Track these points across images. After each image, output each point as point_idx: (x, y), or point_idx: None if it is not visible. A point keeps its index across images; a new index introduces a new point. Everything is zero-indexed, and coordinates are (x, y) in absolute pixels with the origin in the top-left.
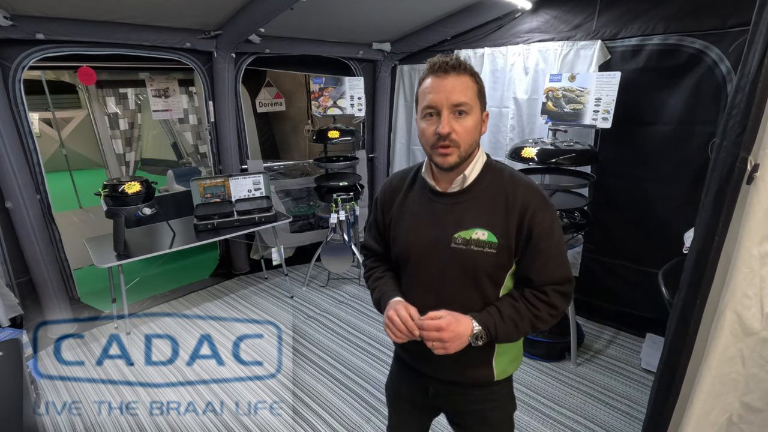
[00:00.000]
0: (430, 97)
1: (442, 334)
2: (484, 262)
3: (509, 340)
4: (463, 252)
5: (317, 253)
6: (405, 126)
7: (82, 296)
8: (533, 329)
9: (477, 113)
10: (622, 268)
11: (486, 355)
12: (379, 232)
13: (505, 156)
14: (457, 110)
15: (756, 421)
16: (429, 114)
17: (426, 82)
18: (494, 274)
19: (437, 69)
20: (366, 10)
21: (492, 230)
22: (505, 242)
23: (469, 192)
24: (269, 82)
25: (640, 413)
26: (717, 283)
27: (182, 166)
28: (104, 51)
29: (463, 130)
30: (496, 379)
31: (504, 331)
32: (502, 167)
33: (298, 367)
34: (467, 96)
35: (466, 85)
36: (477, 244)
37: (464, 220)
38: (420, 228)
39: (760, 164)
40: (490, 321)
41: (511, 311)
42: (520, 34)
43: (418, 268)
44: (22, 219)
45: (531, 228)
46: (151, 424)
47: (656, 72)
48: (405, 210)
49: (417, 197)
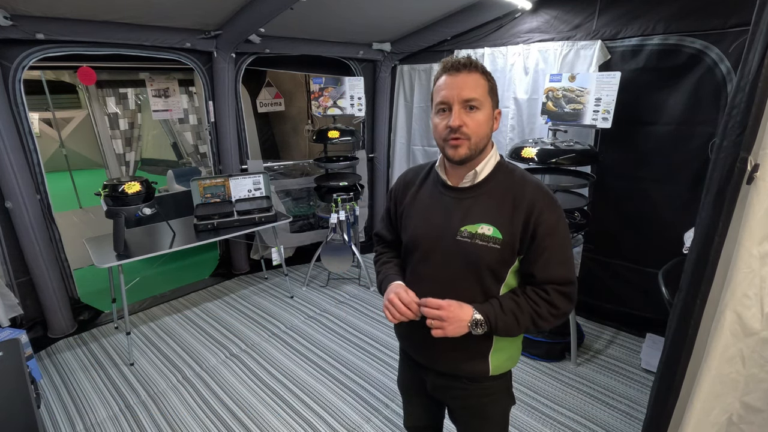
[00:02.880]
0: (443, 93)
1: (441, 313)
2: (487, 257)
3: (509, 333)
4: (468, 245)
5: (317, 253)
6: (405, 126)
7: (82, 296)
8: (534, 326)
9: (488, 109)
10: (622, 268)
11: (482, 350)
12: (390, 222)
13: (505, 156)
14: (467, 105)
15: (756, 421)
16: (442, 109)
17: (440, 80)
18: (496, 269)
19: (450, 67)
20: (366, 10)
21: (498, 226)
22: (510, 239)
23: (479, 188)
24: (269, 82)
25: (640, 413)
26: (717, 283)
27: (182, 166)
28: (104, 51)
29: (474, 123)
30: (491, 374)
31: (504, 322)
32: (514, 168)
33: (298, 367)
34: (477, 92)
35: (476, 82)
36: (482, 238)
37: (471, 214)
38: (429, 219)
39: (760, 164)
40: (490, 311)
41: (512, 305)
42: (520, 34)
43: (425, 258)
44: (22, 219)
45: (536, 226)
46: (151, 424)
47: (656, 72)
48: (417, 202)
49: (429, 191)
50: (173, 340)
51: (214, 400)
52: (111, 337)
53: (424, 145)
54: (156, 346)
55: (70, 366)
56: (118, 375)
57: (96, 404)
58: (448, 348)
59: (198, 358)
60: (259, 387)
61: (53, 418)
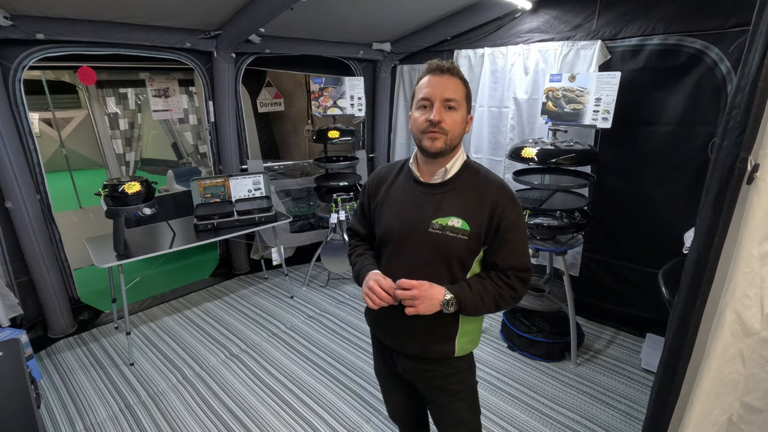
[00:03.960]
0: (426, 90)
1: (414, 292)
2: (455, 248)
3: (475, 312)
4: (439, 236)
5: (317, 253)
6: (405, 126)
7: (82, 296)
8: (496, 308)
9: (463, 112)
10: (622, 268)
11: (449, 333)
12: (364, 216)
13: (505, 156)
14: (447, 104)
15: (756, 421)
16: (423, 105)
17: (424, 79)
18: (463, 258)
19: (435, 69)
20: (366, 10)
21: (466, 219)
22: (477, 231)
23: (448, 184)
24: (269, 82)
25: (640, 413)
26: (717, 283)
27: (182, 166)
28: (104, 51)
29: (452, 121)
30: (456, 355)
31: (472, 300)
32: (479, 167)
33: (298, 367)
34: (457, 94)
35: (456, 85)
36: (452, 230)
37: (442, 208)
38: (401, 213)
39: (760, 164)
40: (460, 291)
41: (479, 287)
42: (520, 34)
43: (398, 248)
44: (22, 219)
45: (500, 221)
46: (151, 424)
47: (656, 72)
48: (390, 197)
49: (402, 186)
50: (173, 340)
51: (214, 400)
52: (111, 337)
53: None
54: (156, 346)
55: (70, 366)
56: (118, 375)
57: (96, 404)
58: (417, 332)
59: (198, 358)
60: (259, 387)
61: (53, 418)
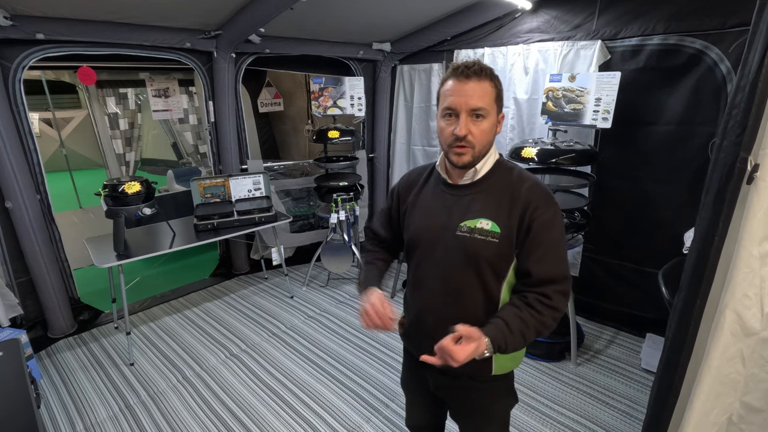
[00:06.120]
0: (450, 99)
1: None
2: (485, 251)
3: (516, 350)
4: (467, 239)
5: (317, 253)
6: (405, 126)
7: (82, 296)
8: (538, 336)
9: (493, 116)
10: (622, 268)
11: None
12: (389, 220)
13: (505, 156)
14: (474, 114)
15: (756, 421)
16: (448, 114)
17: (448, 83)
18: (495, 264)
19: (459, 73)
20: (366, 10)
21: (496, 221)
22: (507, 232)
23: (478, 185)
24: (269, 82)
25: (640, 413)
26: (717, 283)
27: (182, 166)
28: (104, 51)
29: (479, 132)
30: (494, 373)
31: (513, 343)
32: (513, 166)
33: (298, 367)
34: (485, 101)
35: (485, 90)
36: (480, 232)
37: (471, 210)
38: (430, 216)
39: (760, 164)
40: (500, 337)
41: (519, 323)
42: (520, 34)
43: (427, 253)
44: (22, 219)
45: (531, 221)
46: (151, 424)
47: (656, 72)
48: (420, 201)
49: (431, 190)
50: (173, 340)
51: (214, 400)
52: (111, 337)
53: (424, 145)
54: (156, 346)
55: (70, 366)
56: (118, 375)
57: (96, 404)
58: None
59: (198, 358)
60: (259, 387)
61: (53, 418)
